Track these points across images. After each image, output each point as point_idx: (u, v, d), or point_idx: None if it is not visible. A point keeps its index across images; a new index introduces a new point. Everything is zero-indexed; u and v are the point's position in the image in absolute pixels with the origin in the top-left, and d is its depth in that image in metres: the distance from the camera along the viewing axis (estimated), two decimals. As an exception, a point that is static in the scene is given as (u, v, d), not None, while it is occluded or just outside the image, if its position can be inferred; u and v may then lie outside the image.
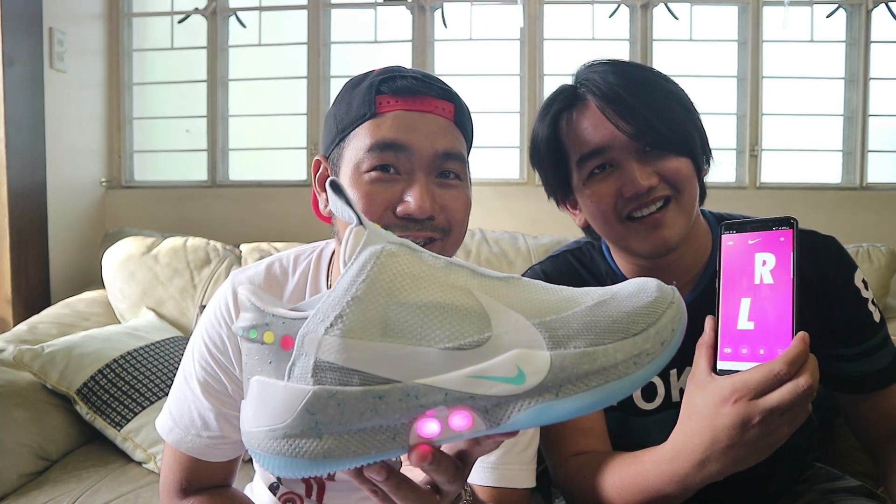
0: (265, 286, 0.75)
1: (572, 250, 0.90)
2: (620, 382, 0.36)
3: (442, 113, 0.66)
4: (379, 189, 0.63)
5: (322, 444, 0.36)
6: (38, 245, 1.93)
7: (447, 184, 0.65)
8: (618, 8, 2.20)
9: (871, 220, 2.10)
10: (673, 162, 0.73)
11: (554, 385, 0.36)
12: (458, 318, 0.37)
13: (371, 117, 0.64)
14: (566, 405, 0.36)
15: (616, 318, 0.37)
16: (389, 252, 0.38)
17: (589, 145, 0.74)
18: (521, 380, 0.36)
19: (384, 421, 0.36)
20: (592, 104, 0.74)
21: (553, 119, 0.78)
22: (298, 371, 0.37)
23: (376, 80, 0.65)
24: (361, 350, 0.36)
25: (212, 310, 0.74)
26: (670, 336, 0.38)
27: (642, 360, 0.37)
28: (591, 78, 0.75)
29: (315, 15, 2.24)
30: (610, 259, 0.85)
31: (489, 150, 2.25)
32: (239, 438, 0.75)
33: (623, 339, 0.37)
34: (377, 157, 0.63)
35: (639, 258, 0.79)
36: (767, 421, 0.52)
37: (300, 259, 0.78)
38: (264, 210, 2.19)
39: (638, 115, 0.71)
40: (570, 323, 0.37)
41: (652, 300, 0.38)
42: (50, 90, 1.96)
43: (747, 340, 0.55)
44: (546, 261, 0.90)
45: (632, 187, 0.71)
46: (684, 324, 0.39)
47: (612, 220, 0.75)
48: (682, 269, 0.80)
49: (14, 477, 1.23)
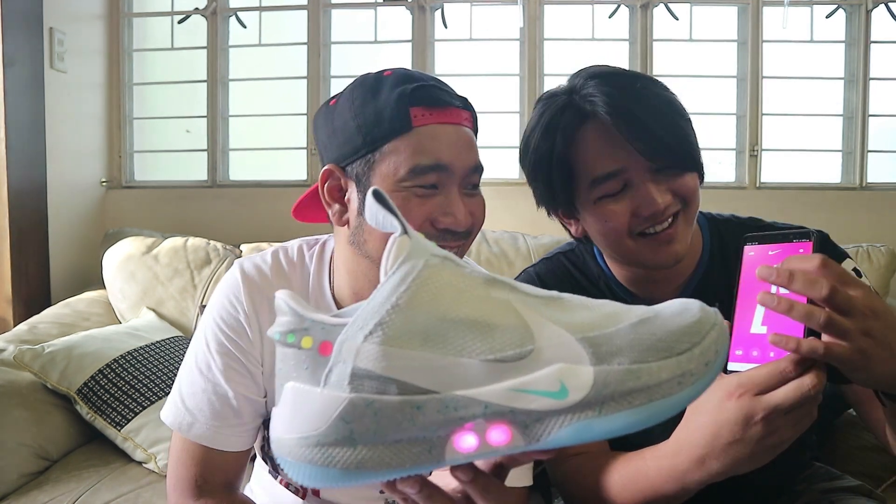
0: (273, 276, 0.75)
1: (565, 252, 0.90)
2: (665, 402, 0.36)
3: (468, 124, 0.69)
4: (419, 204, 0.65)
5: (356, 454, 0.35)
6: (38, 245, 1.93)
7: (472, 193, 0.70)
8: (618, 8, 2.20)
9: (871, 220, 2.10)
10: (684, 179, 0.73)
11: (597, 402, 0.35)
12: (500, 330, 0.36)
13: (407, 132, 0.65)
14: (609, 423, 0.35)
15: (660, 336, 0.37)
16: (432, 264, 0.38)
17: (604, 168, 0.73)
18: (564, 395, 0.35)
19: (421, 433, 0.35)
20: (603, 122, 0.72)
21: (560, 136, 0.75)
22: (335, 378, 0.36)
23: (406, 90, 0.65)
24: (401, 359, 0.35)
25: (224, 296, 0.74)
26: (714, 357, 0.37)
27: (686, 381, 0.36)
28: (595, 93, 0.73)
29: (315, 15, 2.24)
30: (602, 262, 0.86)
31: (489, 150, 2.25)
32: (257, 423, 0.75)
33: (667, 358, 0.36)
34: (422, 178, 0.65)
35: (640, 269, 0.79)
36: (770, 420, 0.51)
37: (304, 250, 0.79)
38: (264, 210, 2.19)
39: (653, 135, 0.70)
40: (613, 339, 0.36)
41: (695, 320, 0.37)
42: (50, 90, 1.96)
43: (759, 344, 0.55)
44: (539, 263, 0.91)
45: (649, 208, 0.71)
46: (727, 346, 0.38)
47: (625, 237, 0.75)
48: (674, 272, 0.80)
49: (14, 477, 1.23)
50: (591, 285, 0.86)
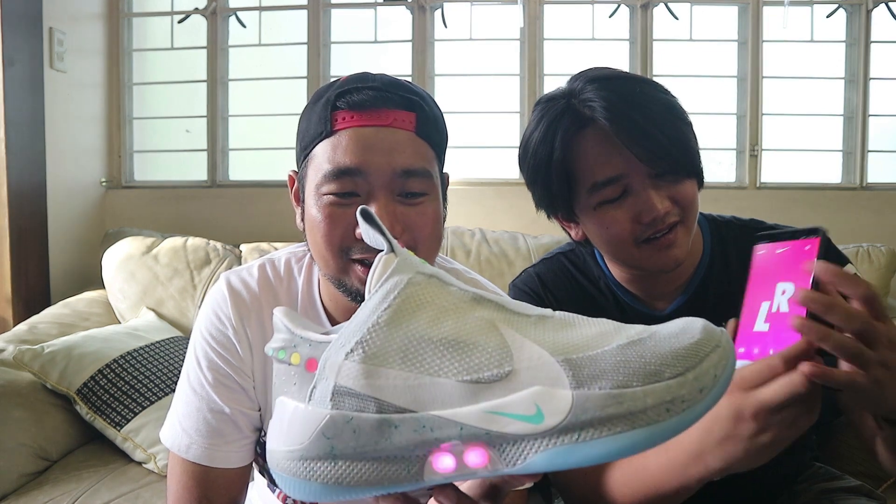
0: (260, 289, 0.74)
1: (566, 252, 0.90)
2: (650, 430, 0.33)
3: (401, 125, 0.63)
4: (338, 211, 0.62)
5: (336, 470, 0.36)
6: (38, 245, 1.93)
7: (411, 201, 0.63)
8: (618, 8, 2.20)
9: (871, 220, 2.10)
10: (684, 186, 0.73)
11: (574, 427, 0.33)
12: (479, 350, 0.35)
13: (328, 136, 0.63)
14: (587, 450, 0.33)
15: (649, 359, 0.34)
16: (415, 282, 0.37)
17: (604, 174, 0.72)
18: (540, 419, 0.33)
19: (399, 451, 0.36)
20: (603, 127, 0.71)
21: (560, 140, 0.75)
22: (318, 394, 0.37)
23: (332, 95, 0.63)
24: (379, 377, 0.36)
25: (211, 312, 0.73)
26: (711, 383, 0.34)
27: (676, 407, 0.33)
28: (594, 98, 0.72)
29: (315, 15, 2.24)
30: (602, 263, 0.86)
31: (489, 150, 2.25)
32: (254, 437, 0.75)
33: (655, 383, 0.33)
34: (335, 182, 0.62)
35: (641, 271, 0.79)
36: (761, 417, 0.51)
37: (292, 263, 0.77)
38: (264, 210, 2.19)
39: (654, 140, 0.70)
40: (598, 361, 0.34)
41: (694, 342, 0.34)
42: (50, 90, 1.96)
43: (760, 341, 0.55)
44: (539, 263, 0.90)
45: (650, 214, 0.71)
46: (731, 371, 0.35)
47: (628, 244, 0.74)
48: (675, 274, 0.80)
49: (14, 477, 1.23)
50: (591, 285, 0.86)
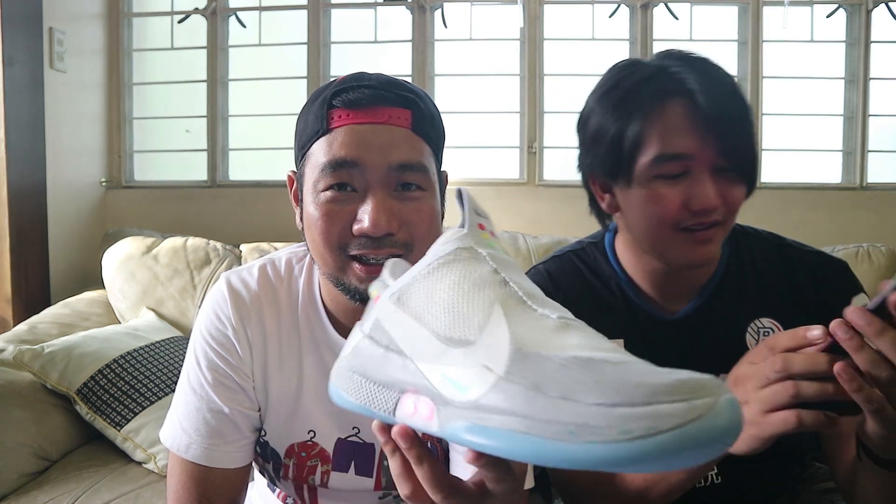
0: (259, 289, 0.74)
1: (576, 251, 0.89)
2: (546, 444, 0.30)
3: (397, 122, 0.64)
4: (335, 208, 0.63)
5: (353, 382, 0.43)
6: (38, 245, 1.93)
7: (407, 196, 0.64)
8: (618, 8, 2.20)
9: (871, 220, 2.10)
10: (737, 189, 0.72)
11: (484, 409, 0.34)
12: (464, 317, 0.37)
13: (324, 134, 0.63)
14: (486, 435, 0.33)
15: (590, 378, 0.31)
16: (460, 256, 0.41)
17: (677, 147, 0.70)
18: (464, 391, 0.35)
19: (388, 382, 0.40)
20: (694, 104, 0.70)
21: (647, 100, 0.72)
22: (367, 322, 0.44)
23: (329, 94, 0.64)
24: (396, 319, 0.41)
25: (211, 312, 0.73)
26: (644, 433, 0.28)
27: (583, 434, 0.29)
28: (689, 75, 0.71)
29: (315, 15, 2.24)
30: (614, 263, 0.84)
31: (489, 150, 2.25)
32: (253, 438, 0.75)
33: (572, 402, 0.30)
34: (331, 176, 0.63)
35: (661, 264, 0.78)
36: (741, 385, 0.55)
37: (292, 263, 0.77)
38: (264, 210, 2.19)
39: (738, 136, 0.70)
40: (543, 361, 0.33)
41: (674, 380, 0.29)
42: (50, 90, 1.96)
43: None
44: (550, 260, 0.89)
45: (702, 202, 0.70)
46: (688, 440, 0.27)
47: (668, 227, 0.72)
48: (693, 276, 0.79)
49: (14, 477, 1.23)
50: (601, 285, 0.84)
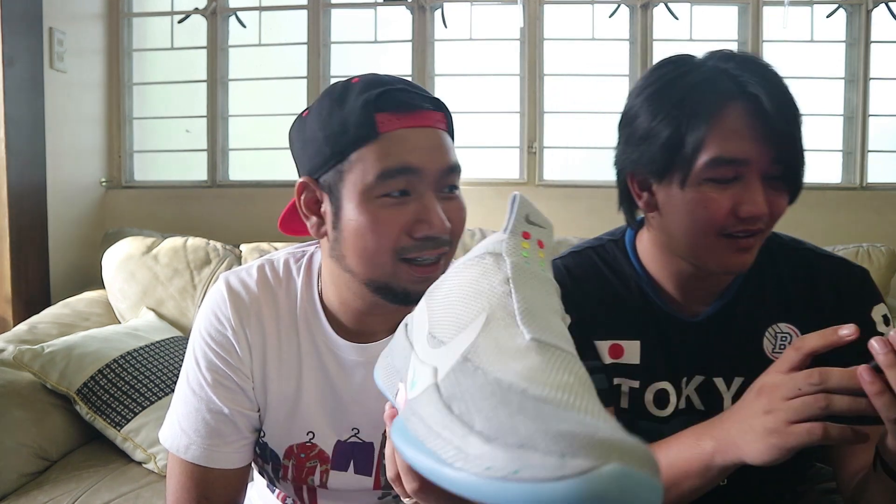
0: (259, 290, 0.74)
1: (595, 247, 0.86)
2: (428, 455, 0.30)
3: (438, 125, 0.66)
4: (392, 213, 0.63)
5: (383, 361, 0.47)
6: (38, 245, 1.93)
7: (449, 197, 0.66)
8: (618, 8, 2.20)
9: (871, 220, 2.10)
10: (782, 199, 0.72)
11: (412, 412, 0.34)
12: (453, 321, 0.38)
13: (373, 139, 0.63)
14: (401, 437, 0.33)
15: (493, 406, 0.29)
16: (488, 257, 0.41)
17: (735, 152, 0.69)
18: (412, 387, 0.36)
19: (397, 371, 0.42)
20: (756, 109, 0.68)
21: (715, 99, 0.70)
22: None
23: (371, 96, 0.63)
24: (421, 309, 0.44)
25: (210, 312, 0.73)
26: (510, 473, 0.25)
27: (457, 461, 0.28)
28: (754, 79, 0.69)
29: (315, 15, 2.24)
30: (635, 262, 0.82)
31: (489, 150, 2.25)
32: (253, 438, 0.75)
33: (462, 424, 0.29)
34: (390, 184, 0.63)
35: (690, 267, 0.76)
36: (767, 394, 0.56)
37: (291, 263, 0.77)
38: (264, 210, 2.19)
39: (794, 145, 0.70)
40: (474, 378, 0.32)
41: (583, 433, 0.26)
42: (50, 90, 1.96)
43: None
44: (567, 255, 0.86)
45: (751, 209, 0.68)
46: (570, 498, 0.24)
47: (712, 232, 0.71)
48: (717, 280, 0.79)
49: (14, 477, 1.23)
50: (619, 283, 0.82)
